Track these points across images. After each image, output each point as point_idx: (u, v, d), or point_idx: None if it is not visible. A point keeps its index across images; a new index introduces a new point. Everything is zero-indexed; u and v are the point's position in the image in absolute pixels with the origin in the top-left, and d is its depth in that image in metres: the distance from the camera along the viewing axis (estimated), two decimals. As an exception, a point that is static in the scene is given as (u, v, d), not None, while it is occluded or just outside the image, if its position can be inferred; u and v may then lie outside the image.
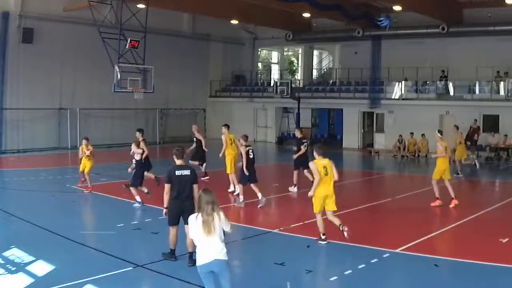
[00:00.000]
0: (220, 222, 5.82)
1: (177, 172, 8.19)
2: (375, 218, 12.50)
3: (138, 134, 14.35)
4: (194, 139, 17.27)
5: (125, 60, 22.86)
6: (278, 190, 16.08)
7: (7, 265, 8.19)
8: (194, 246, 6.73)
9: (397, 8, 24.48)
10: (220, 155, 14.82)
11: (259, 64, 39.62)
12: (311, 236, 10.09)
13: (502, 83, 24.67)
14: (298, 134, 15.89)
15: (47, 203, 13.52)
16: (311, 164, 9.67)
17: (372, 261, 8.55)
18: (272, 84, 32.47)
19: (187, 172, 8.22)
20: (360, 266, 8.29)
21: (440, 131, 14.20)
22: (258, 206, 12.90)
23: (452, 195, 13.10)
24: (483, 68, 24.44)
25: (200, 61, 33.14)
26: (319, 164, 9.44)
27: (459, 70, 25.67)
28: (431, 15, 25.36)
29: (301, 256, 9.15)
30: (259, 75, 38.16)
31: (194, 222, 5.81)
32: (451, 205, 13.02)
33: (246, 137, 13.49)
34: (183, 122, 32.28)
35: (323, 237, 9.63)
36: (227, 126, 15.13)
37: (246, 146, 13.18)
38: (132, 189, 12.82)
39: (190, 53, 31.92)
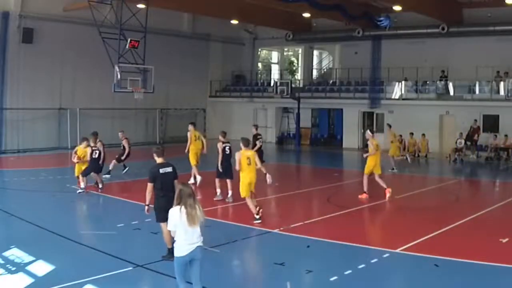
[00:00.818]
0: (201, 213, 6.14)
1: (161, 170, 8.41)
2: (375, 218, 12.51)
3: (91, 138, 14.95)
4: (122, 145, 17.94)
5: (125, 60, 22.85)
6: (278, 190, 16.08)
7: (7, 265, 8.18)
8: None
9: (397, 8, 24.48)
10: (186, 150, 15.86)
11: (259, 64, 39.63)
12: (311, 236, 10.10)
13: (502, 83, 24.66)
14: (254, 130, 16.81)
15: (47, 203, 13.52)
16: (237, 154, 11.07)
17: (372, 261, 8.55)
18: (272, 84, 32.47)
19: (169, 169, 8.48)
20: (360, 266, 8.29)
21: (371, 130, 14.87)
22: (226, 200, 13.41)
23: (384, 186, 14.08)
24: (483, 68, 24.44)
25: (200, 61, 33.13)
26: (244, 154, 11.04)
27: (459, 70, 25.67)
28: (431, 15, 25.36)
29: (301, 256, 9.15)
30: (259, 75, 38.17)
31: (178, 214, 6.04)
32: (387, 195, 13.85)
33: (224, 133, 14.12)
34: (183, 122, 32.21)
35: (257, 216, 10.96)
36: (193, 124, 16.59)
37: (223, 142, 13.68)
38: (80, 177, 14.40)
39: (190, 53, 31.92)
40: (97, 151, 14.70)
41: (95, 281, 7.41)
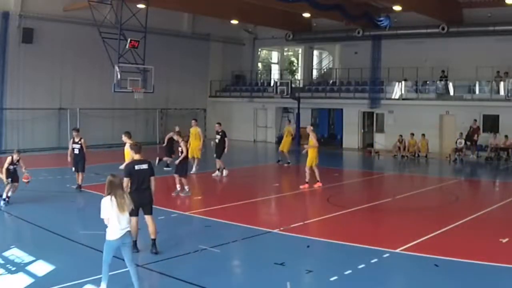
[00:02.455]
0: (129, 201, 6.78)
1: (136, 167, 8.76)
2: (375, 218, 12.50)
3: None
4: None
5: (125, 60, 22.86)
6: (278, 190, 16.10)
7: (7, 265, 8.18)
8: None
9: (397, 8, 24.48)
10: (201, 146, 18.09)
11: (259, 64, 39.61)
12: (311, 236, 10.10)
13: (502, 83, 24.65)
14: (218, 128, 18.00)
15: (47, 203, 13.50)
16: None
17: (372, 261, 8.55)
18: (272, 84, 32.46)
19: (145, 166, 8.83)
20: (360, 266, 8.29)
21: (312, 125, 16.40)
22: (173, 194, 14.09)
23: (318, 178, 15.64)
24: (483, 68, 24.44)
25: (200, 61, 33.12)
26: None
27: (459, 70, 25.65)
28: (431, 15, 25.36)
29: (301, 256, 9.15)
30: (259, 75, 38.15)
31: (109, 203, 6.65)
32: (316, 186, 15.51)
33: (179, 133, 15.18)
34: (183, 122, 32.25)
35: None
36: (196, 120, 18.79)
37: (187, 141, 14.67)
38: None
39: (190, 53, 31.91)
40: (78, 148, 14.56)
41: (95, 281, 7.39)
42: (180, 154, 14.06)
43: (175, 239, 9.98)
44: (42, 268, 8.13)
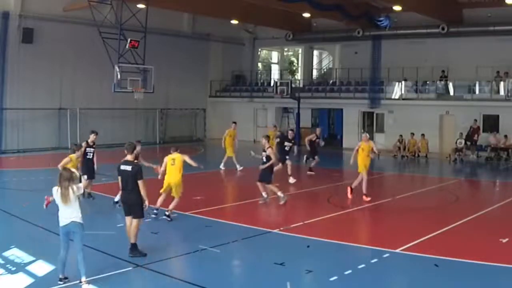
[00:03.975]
0: (74, 193, 7.29)
1: (122, 167, 8.86)
2: (375, 218, 12.51)
3: None
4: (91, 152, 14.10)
5: (125, 60, 22.87)
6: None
7: (7, 265, 8.18)
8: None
9: (397, 8, 24.49)
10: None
11: (259, 64, 39.61)
12: (311, 236, 10.10)
13: (502, 83, 24.65)
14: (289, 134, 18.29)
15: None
16: (165, 158, 11.54)
17: (372, 261, 8.55)
18: (272, 84, 32.45)
19: (128, 167, 8.78)
20: (360, 266, 8.29)
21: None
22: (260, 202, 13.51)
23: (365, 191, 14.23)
24: (483, 68, 24.43)
25: (200, 61, 33.11)
26: (169, 157, 11.41)
27: (459, 70, 25.65)
28: (431, 15, 25.36)
29: (301, 256, 9.15)
30: (259, 75, 38.15)
31: (56, 193, 7.29)
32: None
33: (268, 137, 14.01)
34: (183, 122, 32.34)
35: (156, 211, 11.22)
36: (235, 123, 20.46)
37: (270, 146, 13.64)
38: None
39: (190, 53, 31.90)
40: (92, 152, 13.35)
41: (95, 281, 7.41)
42: (265, 160, 13.21)
43: (175, 239, 9.98)
44: (42, 268, 8.13)
